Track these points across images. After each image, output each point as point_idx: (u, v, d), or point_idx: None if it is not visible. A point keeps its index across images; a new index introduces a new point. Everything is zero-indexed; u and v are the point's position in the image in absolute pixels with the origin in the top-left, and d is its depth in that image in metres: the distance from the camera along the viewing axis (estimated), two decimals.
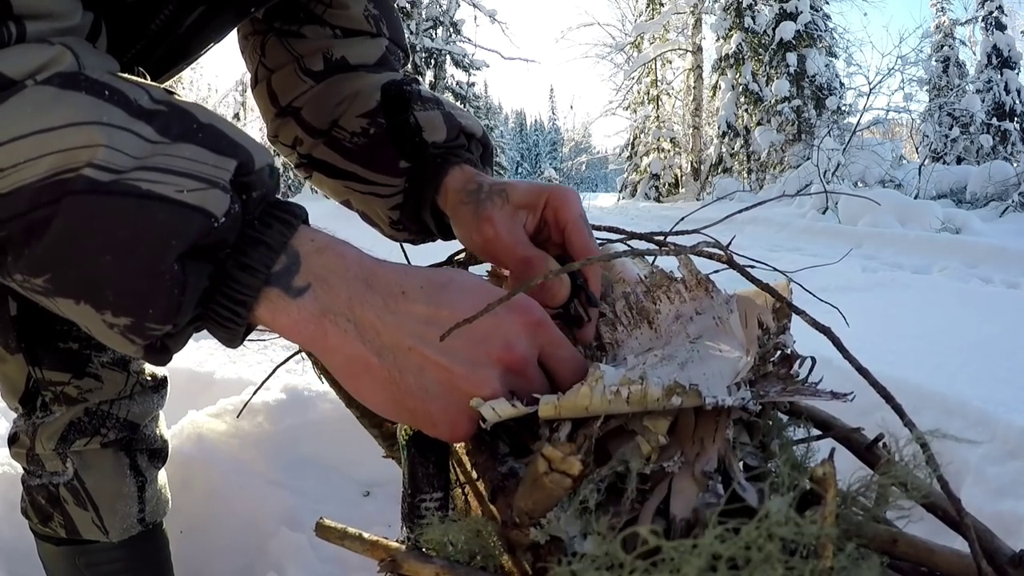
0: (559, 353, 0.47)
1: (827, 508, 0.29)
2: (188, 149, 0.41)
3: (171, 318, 0.41)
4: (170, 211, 0.39)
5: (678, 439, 0.38)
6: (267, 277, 0.43)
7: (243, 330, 0.44)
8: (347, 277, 0.44)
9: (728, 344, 0.48)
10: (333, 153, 0.75)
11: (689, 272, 0.54)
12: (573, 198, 0.62)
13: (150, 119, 0.41)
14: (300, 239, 0.44)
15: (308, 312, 0.43)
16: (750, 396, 0.39)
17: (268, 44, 0.79)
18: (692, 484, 0.34)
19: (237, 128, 0.44)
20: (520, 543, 0.38)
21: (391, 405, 0.45)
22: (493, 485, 0.45)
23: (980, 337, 1.89)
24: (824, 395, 0.41)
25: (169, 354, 0.45)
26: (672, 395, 0.37)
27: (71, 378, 0.79)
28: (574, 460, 0.34)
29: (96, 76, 0.41)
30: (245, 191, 0.43)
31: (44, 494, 0.85)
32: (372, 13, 0.79)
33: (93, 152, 0.38)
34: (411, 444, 0.48)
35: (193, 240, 0.40)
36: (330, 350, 0.44)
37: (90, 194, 0.38)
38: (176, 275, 0.40)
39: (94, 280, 0.40)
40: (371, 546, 0.41)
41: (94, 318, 0.41)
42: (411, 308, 0.44)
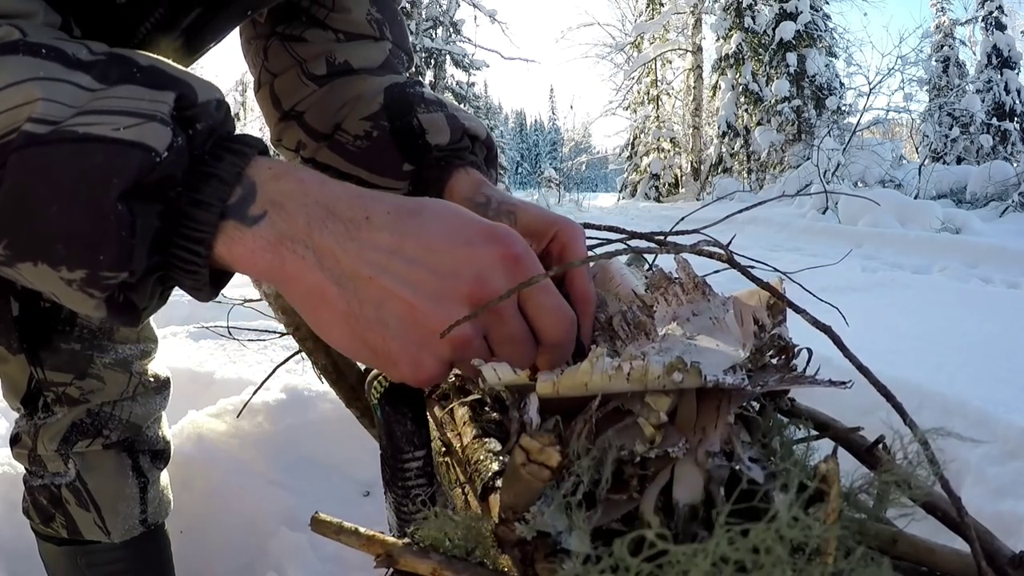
0: (541, 299, 0.43)
1: (831, 505, 0.29)
2: (125, 89, 0.40)
3: (125, 264, 0.39)
4: (107, 150, 0.38)
5: (680, 427, 0.38)
6: (222, 210, 0.41)
7: (207, 273, 0.42)
8: (306, 202, 0.42)
9: (724, 340, 0.48)
10: (336, 157, 0.75)
11: (686, 275, 0.54)
12: (580, 237, 0.60)
13: (88, 69, 0.40)
14: (256, 168, 0.42)
15: (264, 240, 0.41)
16: (747, 379, 0.39)
17: (271, 48, 0.79)
18: (695, 469, 0.34)
19: (183, 68, 0.43)
20: (507, 539, 0.38)
21: (350, 341, 0.42)
22: (484, 484, 0.44)
23: (980, 337, 1.89)
24: (823, 383, 0.41)
25: (136, 311, 0.43)
26: (673, 371, 0.37)
27: (73, 379, 0.79)
28: (552, 451, 0.34)
29: (34, 39, 0.40)
30: (189, 124, 0.41)
31: (46, 494, 0.85)
32: (375, 17, 0.79)
33: (32, 107, 0.38)
34: (384, 401, 0.46)
35: (134, 177, 0.38)
36: (288, 279, 0.42)
37: (30, 147, 0.37)
38: (122, 216, 0.38)
39: (45, 235, 0.39)
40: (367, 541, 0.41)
41: (52, 278, 0.40)
42: (374, 236, 0.41)
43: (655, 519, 0.32)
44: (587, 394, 0.39)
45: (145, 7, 0.59)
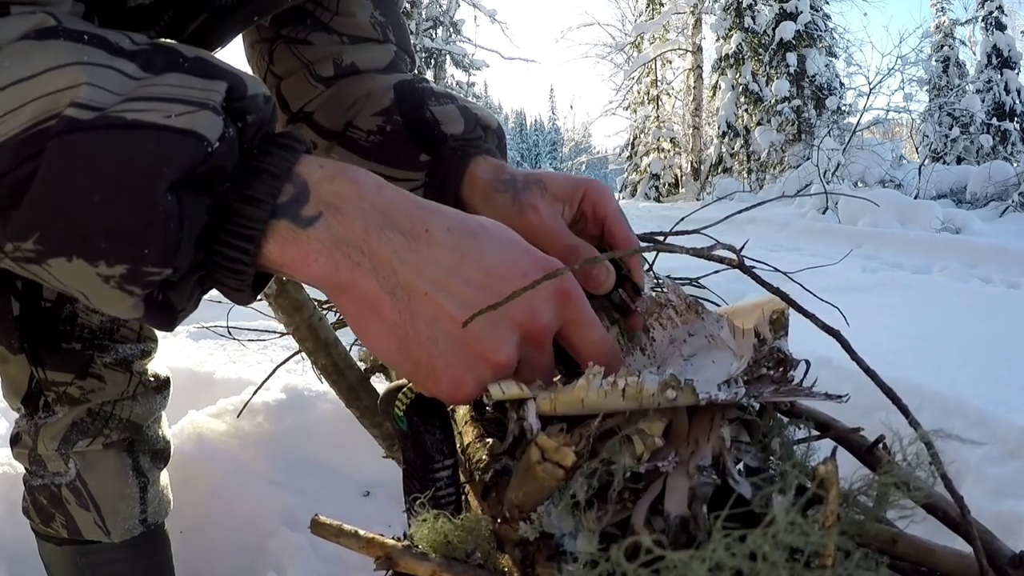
0: (587, 334, 0.44)
1: (829, 507, 0.29)
2: (174, 77, 0.39)
3: (170, 259, 0.38)
4: (159, 137, 0.36)
5: (672, 440, 0.38)
6: (273, 208, 0.39)
7: (252, 274, 0.41)
8: (362, 207, 0.41)
9: (721, 355, 0.48)
10: (349, 153, 0.75)
11: (678, 297, 0.55)
12: (608, 192, 0.62)
13: (133, 57, 0.39)
14: (306, 166, 0.41)
15: (319, 243, 0.40)
16: (744, 392, 0.40)
17: (276, 51, 0.79)
18: (686, 481, 0.34)
19: (227, 61, 0.42)
20: (509, 539, 0.38)
21: (395, 352, 0.42)
22: (485, 482, 0.45)
23: (980, 337, 1.89)
24: (819, 396, 0.41)
25: (173, 311, 0.41)
26: (667, 389, 0.37)
27: (74, 379, 0.79)
28: (568, 450, 0.34)
29: (74, 25, 0.39)
30: (239, 116, 0.40)
31: (46, 494, 0.85)
32: (379, 20, 0.79)
33: (75, 92, 0.36)
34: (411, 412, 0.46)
35: (186, 167, 0.37)
36: (341, 286, 0.41)
37: (72, 133, 0.36)
38: (171, 207, 0.36)
39: (84, 227, 0.37)
40: (367, 543, 0.41)
41: (88, 274, 0.38)
42: (433, 251, 0.41)
43: (645, 531, 0.32)
44: (584, 412, 0.39)
45: (154, 12, 0.59)
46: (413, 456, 0.45)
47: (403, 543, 0.40)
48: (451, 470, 0.45)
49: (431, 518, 0.40)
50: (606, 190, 0.62)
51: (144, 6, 0.57)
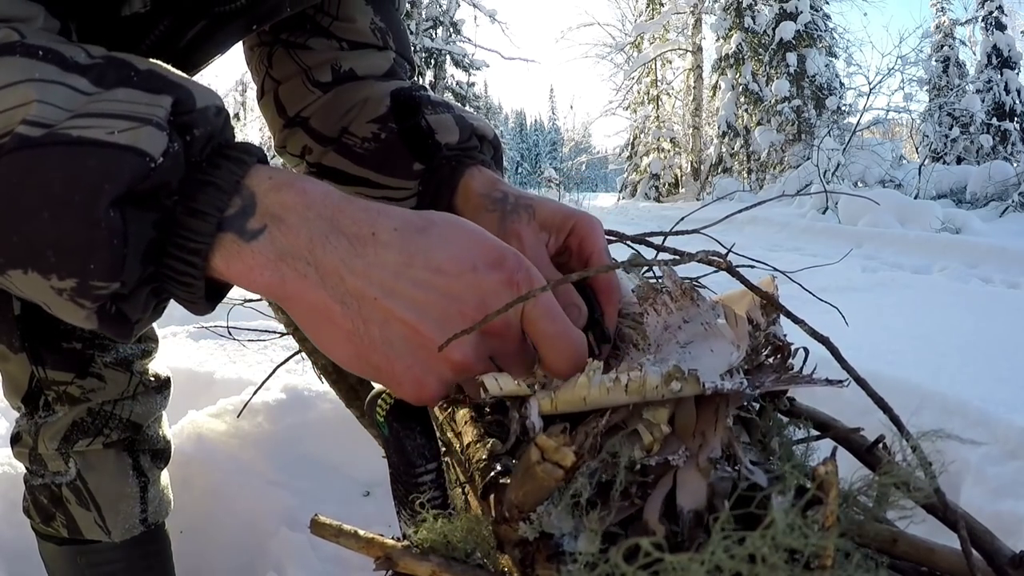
0: (542, 326, 0.42)
1: (829, 508, 0.29)
2: (122, 92, 0.39)
3: (116, 274, 0.38)
4: (101, 154, 0.37)
5: (680, 434, 0.38)
6: (219, 221, 0.39)
7: (202, 286, 0.41)
8: (308, 216, 0.40)
9: (718, 344, 0.48)
10: (344, 160, 0.75)
11: (673, 283, 0.54)
12: (599, 229, 0.60)
13: (85, 72, 0.39)
14: (255, 177, 0.41)
15: (263, 256, 0.40)
16: (746, 382, 0.39)
17: (275, 56, 0.79)
18: (698, 475, 0.34)
19: (182, 74, 0.42)
20: (509, 539, 0.38)
21: (354, 359, 0.42)
22: (485, 482, 0.45)
23: (980, 337, 1.89)
24: (819, 382, 0.41)
25: (128, 323, 0.41)
26: (671, 380, 0.37)
27: (74, 378, 0.79)
28: (567, 451, 0.34)
29: (32, 40, 0.39)
30: (186, 130, 0.40)
31: (46, 494, 0.85)
32: (379, 27, 0.79)
33: (27, 109, 0.37)
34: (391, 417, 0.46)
35: (128, 183, 0.37)
36: (290, 298, 0.41)
37: (22, 150, 0.36)
38: (113, 223, 0.37)
39: (35, 241, 0.37)
40: (366, 543, 0.41)
41: (43, 286, 0.39)
42: (380, 254, 0.40)
43: (660, 527, 0.32)
44: (586, 408, 0.39)
45: (150, 20, 0.59)
46: (396, 461, 0.45)
47: (403, 543, 0.40)
48: (434, 473, 0.45)
49: (430, 518, 0.40)
50: (596, 227, 0.60)
51: (139, 15, 0.57)
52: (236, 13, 0.63)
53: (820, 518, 0.28)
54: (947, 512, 0.35)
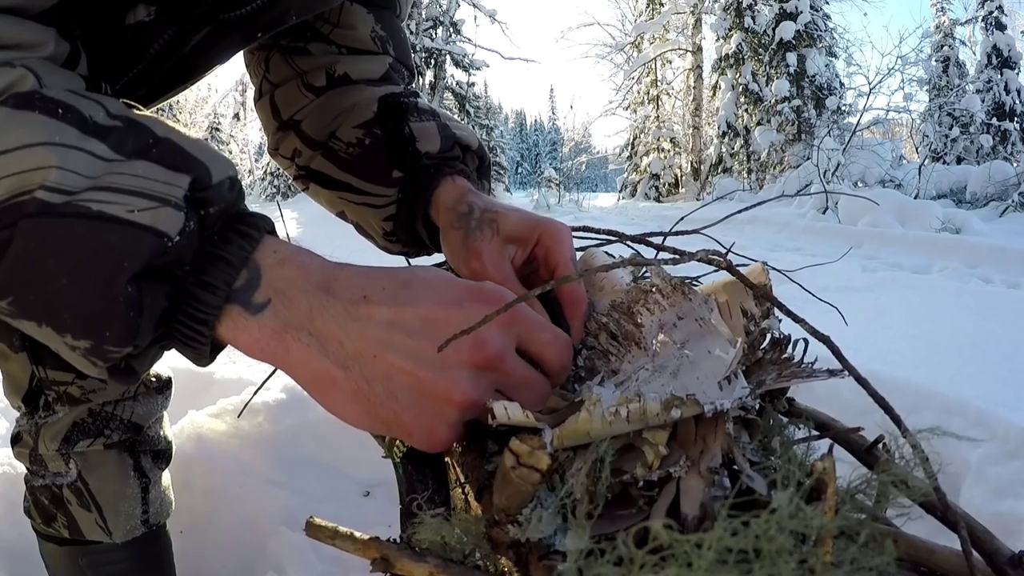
0: (539, 337, 0.45)
1: (828, 502, 0.29)
2: (141, 166, 0.40)
3: (129, 341, 0.40)
4: (121, 232, 0.38)
5: (681, 443, 0.38)
6: (227, 294, 0.42)
7: (208, 349, 0.43)
8: (307, 288, 0.43)
9: (715, 342, 0.48)
10: (329, 164, 0.75)
11: (663, 280, 0.54)
12: (565, 237, 0.61)
13: (104, 136, 0.40)
14: (262, 252, 0.43)
15: (269, 329, 0.42)
16: (747, 390, 0.39)
17: (272, 60, 0.79)
18: (700, 482, 0.34)
19: (198, 141, 0.43)
20: (501, 541, 0.38)
21: (365, 417, 0.43)
22: (479, 483, 0.45)
23: (980, 337, 1.89)
24: (820, 375, 0.41)
25: (136, 375, 0.44)
26: (671, 408, 0.37)
27: (74, 378, 0.79)
28: (542, 454, 0.34)
29: (52, 94, 0.40)
30: (202, 206, 0.42)
31: (47, 495, 0.85)
32: (379, 35, 0.79)
33: (46, 174, 0.37)
34: (406, 461, 0.47)
35: (146, 261, 0.39)
36: (295, 367, 0.43)
37: (42, 217, 0.37)
38: (131, 297, 0.39)
39: (52, 303, 0.39)
40: (363, 545, 0.41)
41: (56, 340, 0.41)
42: (373, 312, 0.43)
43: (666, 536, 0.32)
44: (591, 440, 0.39)
45: (155, 29, 0.59)
46: (407, 501, 0.46)
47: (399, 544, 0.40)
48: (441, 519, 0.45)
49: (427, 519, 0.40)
50: (561, 235, 0.61)
51: (144, 24, 0.57)
52: (240, 21, 0.63)
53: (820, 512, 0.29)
54: (947, 512, 0.35)
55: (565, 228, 0.62)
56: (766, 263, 0.52)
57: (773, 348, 0.46)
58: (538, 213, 0.66)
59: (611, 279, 0.63)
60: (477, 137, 0.74)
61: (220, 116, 19.15)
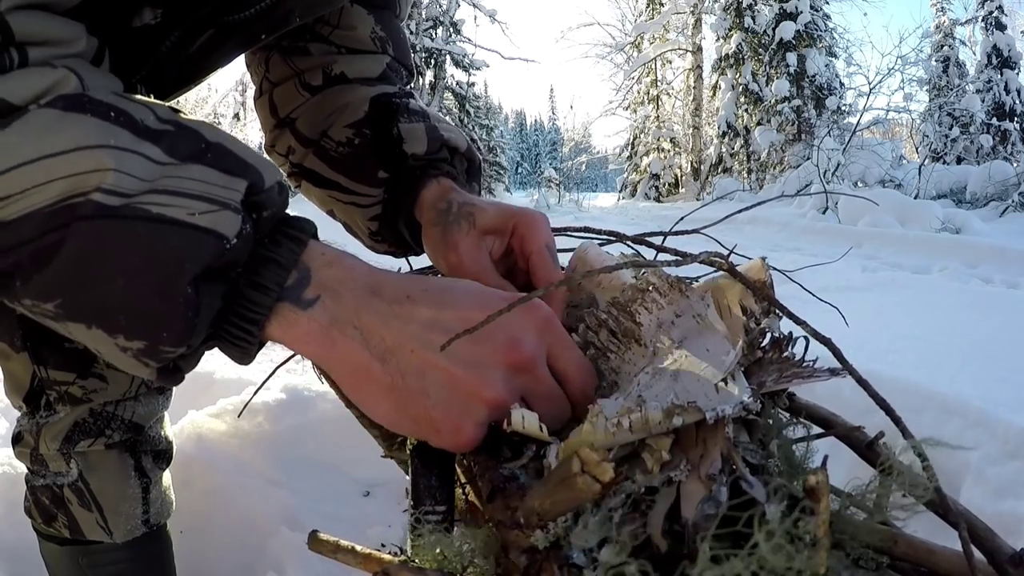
0: (567, 354, 0.46)
1: (820, 518, 0.29)
2: (197, 170, 0.41)
3: (185, 340, 0.41)
4: (182, 234, 0.39)
5: (682, 446, 0.38)
6: (279, 294, 0.43)
7: (255, 348, 0.44)
8: (355, 287, 0.44)
9: (713, 340, 0.48)
10: (320, 163, 0.76)
11: (659, 278, 0.54)
12: (540, 225, 0.61)
13: (157, 140, 0.41)
14: (310, 254, 0.45)
15: (317, 322, 0.43)
16: (748, 393, 0.39)
17: (272, 60, 0.80)
18: (701, 486, 0.34)
19: (244, 145, 0.44)
20: (518, 545, 0.38)
21: (393, 412, 0.44)
22: (493, 486, 0.45)
23: (980, 337, 1.89)
24: (822, 374, 0.41)
25: (181, 374, 0.45)
26: (673, 416, 0.37)
27: (76, 378, 0.79)
28: (607, 466, 0.34)
29: (100, 97, 0.40)
30: (256, 210, 0.43)
31: (48, 494, 0.85)
32: (379, 35, 0.80)
33: (102, 176, 0.38)
34: (415, 454, 0.47)
35: (207, 263, 0.40)
36: (337, 360, 0.44)
37: (101, 219, 0.38)
38: (190, 298, 0.40)
39: (106, 304, 0.39)
40: (364, 559, 0.41)
41: (106, 342, 0.41)
42: (415, 311, 0.44)
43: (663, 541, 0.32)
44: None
45: (161, 32, 0.59)
46: (411, 493, 0.46)
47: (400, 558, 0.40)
48: (441, 516, 0.46)
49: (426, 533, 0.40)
50: (536, 223, 0.61)
51: (150, 26, 0.57)
52: (245, 23, 0.64)
53: (812, 528, 0.28)
54: (948, 512, 0.35)
55: (541, 216, 0.63)
56: (765, 258, 0.52)
57: (773, 347, 0.46)
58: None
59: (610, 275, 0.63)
60: (467, 139, 0.74)
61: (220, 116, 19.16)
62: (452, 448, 0.45)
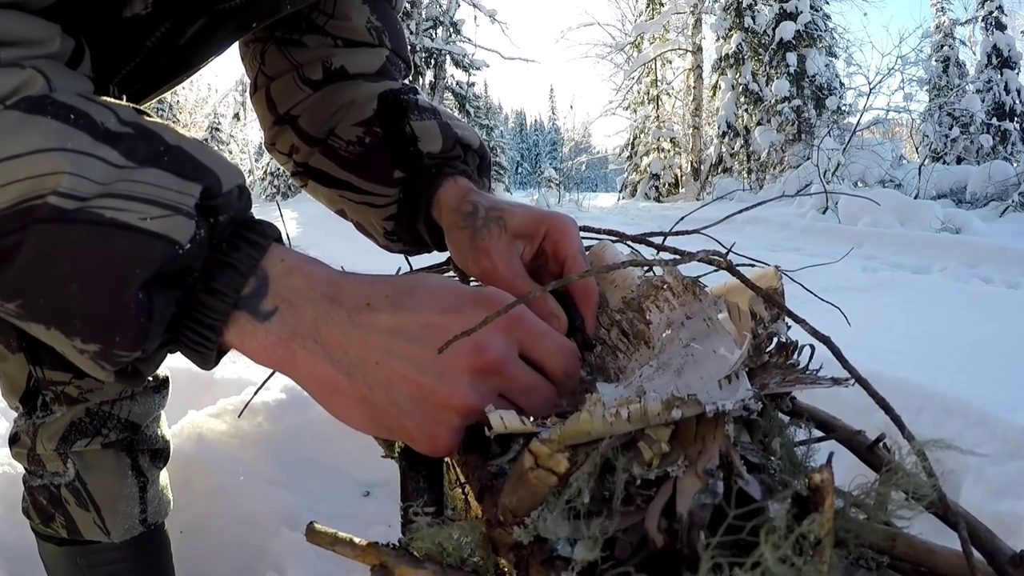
0: (542, 344, 0.45)
1: (824, 516, 0.28)
2: (153, 174, 0.40)
3: (138, 345, 0.41)
4: (133, 239, 0.39)
5: (680, 442, 0.38)
6: (235, 301, 0.42)
7: (215, 354, 0.44)
8: (313, 297, 0.43)
9: (721, 343, 0.48)
10: (329, 162, 0.75)
11: (674, 278, 0.54)
12: (572, 230, 0.61)
13: (116, 142, 0.40)
14: (270, 260, 0.44)
15: (276, 336, 0.43)
16: (750, 393, 0.39)
17: (268, 52, 0.79)
18: (697, 482, 0.34)
19: (206, 148, 0.44)
20: (503, 542, 0.38)
21: (368, 423, 0.44)
22: (481, 484, 0.45)
23: (980, 337, 1.89)
24: (824, 382, 0.41)
25: (142, 378, 0.44)
26: (672, 408, 0.37)
27: (72, 378, 0.79)
28: (561, 457, 0.34)
29: (63, 99, 0.40)
30: (212, 214, 0.42)
31: (46, 495, 0.85)
32: (375, 25, 0.79)
33: (58, 180, 0.38)
34: (403, 456, 0.47)
35: (157, 268, 0.39)
36: (301, 374, 0.44)
37: (55, 223, 0.38)
38: (141, 303, 0.39)
39: (62, 307, 0.39)
40: (362, 551, 0.41)
41: (65, 343, 0.41)
42: (376, 319, 0.43)
43: (659, 536, 0.32)
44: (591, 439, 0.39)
45: (151, 22, 0.59)
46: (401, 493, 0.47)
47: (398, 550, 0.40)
48: (430, 517, 0.45)
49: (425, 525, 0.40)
50: (569, 228, 0.61)
51: (141, 16, 0.57)
52: (235, 11, 0.63)
53: (816, 527, 0.28)
54: (948, 513, 0.35)
55: (572, 221, 0.62)
56: (779, 267, 0.52)
57: (779, 352, 0.46)
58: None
59: (622, 273, 0.63)
60: (478, 135, 0.74)
61: (220, 116, 19.15)
62: (430, 453, 0.44)
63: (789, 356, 0.46)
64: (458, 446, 0.44)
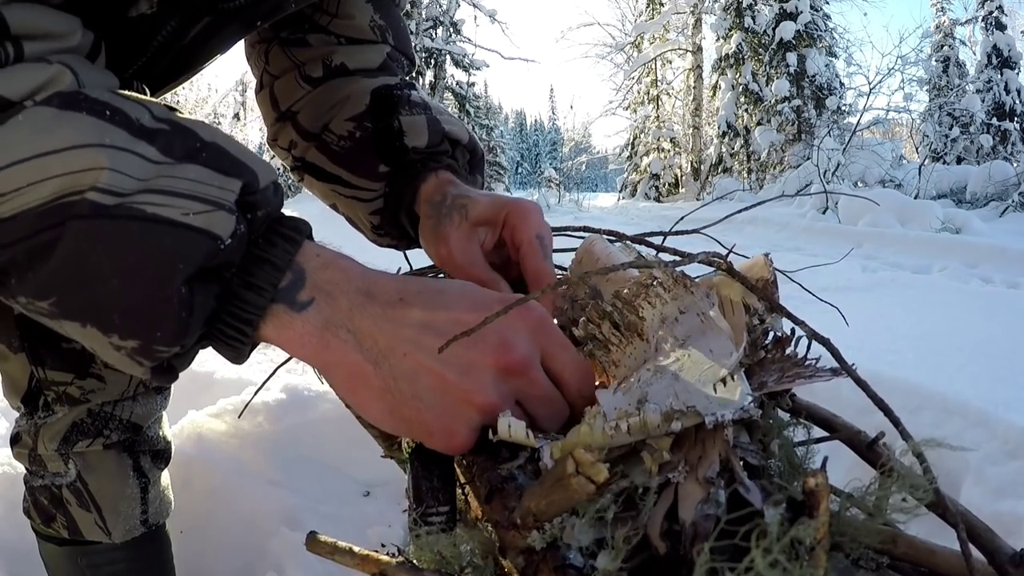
0: (563, 355, 0.46)
1: (819, 521, 0.28)
2: (192, 170, 0.41)
3: (179, 340, 0.41)
4: (177, 235, 0.39)
5: (681, 447, 0.38)
6: (273, 295, 0.43)
7: (248, 348, 0.44)
8: (348, 289, 0.44)
9: (718, 341, 0.48)
10: (322, 156, 0.75)
11: (664, 273, 0.54)
12: (532, 216, 0.61)
13: (152, 138, 0.40)
14: (305, 255, 0.44)
15: (311, 325, 0.43)
16: (750, 399, 0.39)
17: (272, 52, 0.80)
18: (698, 488, 0.34)
19: (239, 144, 0.44)
20: (515, 545, 0.38)
21: (388, 415, 0.44)
22: (490, 486, 0.45)
23: (980, 337, 1.89)
24: (823, 374, 0.41)
25: (175, 373, 0.45)
26: (671, 420, 0.37)
27: (73, 378, 0.79)
28: (602, 467, 0.34)
29: (96, 95, 0.40)
30: (250, 210, 0.43)
31: (47, 495, 0.85)
32: (378, 24, 0.79)
33: (97, 175, 0.38)
34: (414, 456, 0.47)
35: (200, 263, 0.40)
36: (331, 362, 0.44)
37: (95, 218, 0.38)
38: (184, 298, 0.39)
39: (101, 303, 0.39)
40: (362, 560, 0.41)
41: (100, 340, 0.41)
42: (408, 313, 0.44)
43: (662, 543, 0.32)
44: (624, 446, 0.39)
45: (157, 21, 0.59)
46: (412, 495, 0.46)
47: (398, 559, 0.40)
48: (445, 516, 0.46)
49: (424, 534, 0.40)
50: (528, 214, 0.61)
51: (146, 16, 0.57)
52: (240, 10, 0.64)
53: (810, 532, 0.28)
54: (947, 512, 0.35)
55: (533, 206, 0.63)
56: (768, 254, 0.51)
57: (776, 346, 0.45)
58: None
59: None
60: (468, 131, 0.74)
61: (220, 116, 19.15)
62: (446, 451, 0.45)
63: (786, 349, 0.45)
64: (473, 445, 0.44)
